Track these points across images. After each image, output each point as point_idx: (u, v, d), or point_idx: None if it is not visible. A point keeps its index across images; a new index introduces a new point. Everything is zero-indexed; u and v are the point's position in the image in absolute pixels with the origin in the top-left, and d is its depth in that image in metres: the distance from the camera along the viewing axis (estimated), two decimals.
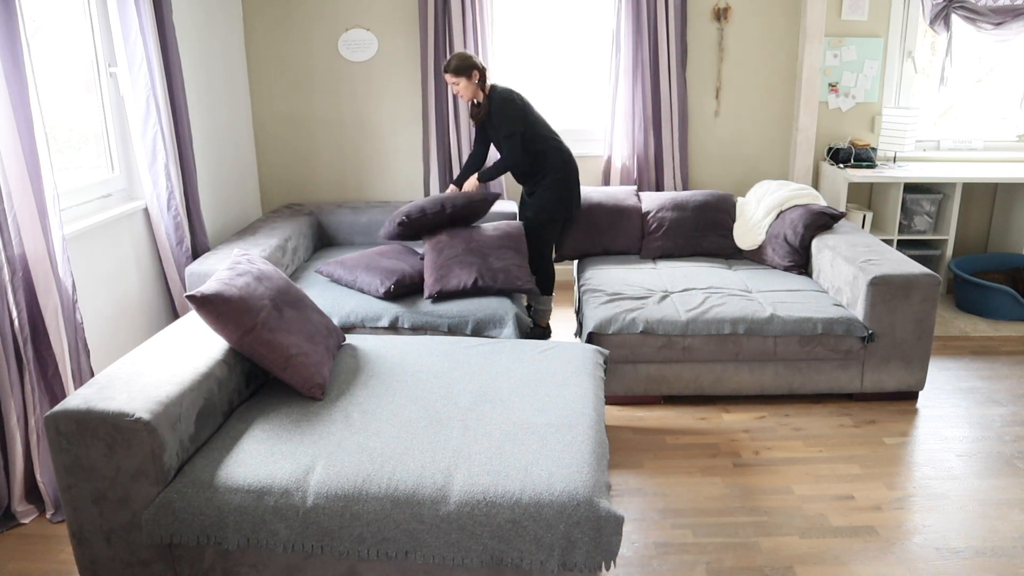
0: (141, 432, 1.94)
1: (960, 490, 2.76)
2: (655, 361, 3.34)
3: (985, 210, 5.06)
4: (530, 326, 3.44)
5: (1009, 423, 3.24)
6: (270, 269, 2.61)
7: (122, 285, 3.37)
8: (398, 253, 3.73)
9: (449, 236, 3.60)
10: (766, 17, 4.72)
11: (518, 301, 3.58)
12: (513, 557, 1.89)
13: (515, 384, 2.46)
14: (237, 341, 2.32)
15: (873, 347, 3.31)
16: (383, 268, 3.51)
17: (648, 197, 4.31)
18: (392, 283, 3.42)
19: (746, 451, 3.02)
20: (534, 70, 4.92)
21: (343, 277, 3.60)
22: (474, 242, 3.58)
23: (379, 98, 4.82)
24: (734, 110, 4.87)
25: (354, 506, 1.92)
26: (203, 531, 1.95)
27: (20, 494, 2.60)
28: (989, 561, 2.37)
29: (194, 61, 4.02)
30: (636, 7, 4.53)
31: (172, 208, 3.53)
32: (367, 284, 3.49)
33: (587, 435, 2.16)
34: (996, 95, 5.03)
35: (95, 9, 3.31)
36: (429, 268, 3.50)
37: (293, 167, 4.94)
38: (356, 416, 2.27)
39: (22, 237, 2.59)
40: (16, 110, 2.50)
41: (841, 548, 2.44)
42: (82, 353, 2.80)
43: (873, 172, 4.60)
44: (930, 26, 4.65)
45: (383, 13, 4.69)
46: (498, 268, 3.51)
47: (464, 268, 3.46)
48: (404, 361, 2.64)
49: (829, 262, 3.63)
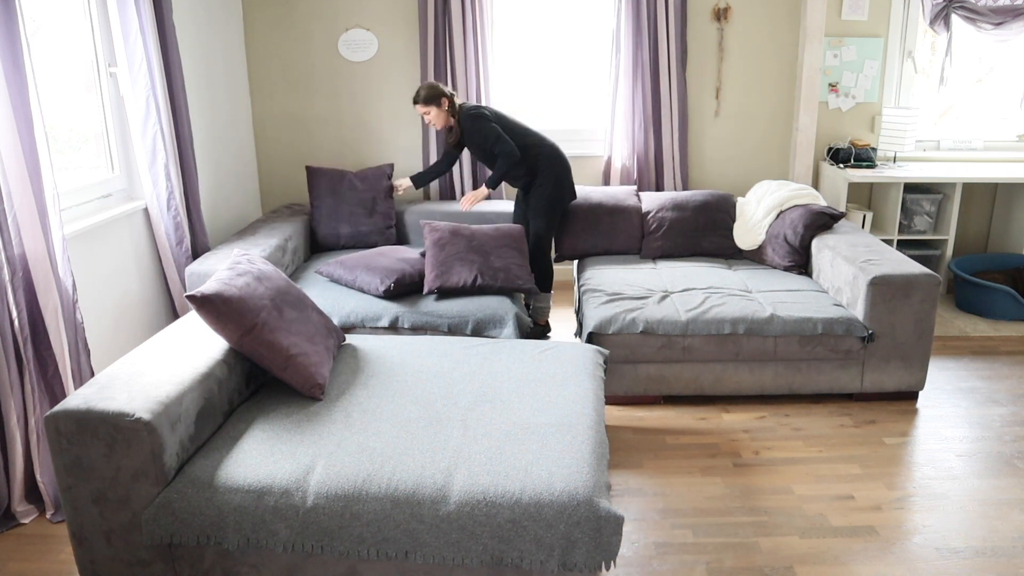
0: (141, 432, 1.94)
1: (960, 490, 2.76)
2: (655, 361, 3.34)
3: (985, 210, 5.06)
4: (530, 325, 3.44)
5: (1009, 423, 3.24)
6: (270, 269, 2.61)
7: (122, 285, 3.37)
8: (397, 252, 3.73)
9: (451, 234, 3.60)
10: (766, 17, 4.72)
11: (518, 301, 3.58)
12: (513, 557, 1.89)
13: (515, 384, 2.46)
14: (237, 341, 2.32)
15: (873, 347, 3.31)
16: (383, 267, 3.51)
17: (648, 197, 4.31)
18: (392, 281, 3.42)
19: (746, 451, 3.02)
20: (534, 70, 4.92)
21: (343, 277, 3.60)
22: (475, 240, 3.59)
23: (379, 98, 4.82)
24: (734, 110, 4.87)
25: (354, 506, 1.92)
26: (203, 531, 1.95)
27: (20, 494, 2.60)
28: (989, 561, 2.38)
29: (194, 61, 4.02)
30: (636, 7, 4.53)
31: (172, 208, 3.53)
32: (367, 283, 3.49)
33: (587, 435, 2.16)
34: (996, 95, 5.03)
35: (95, 9, 3.31)
36: (430, 264, 3.50)
37: (293, 167, 4.94)
38: (356, 416, 2.27)
39: (22, 237, 2.59)
40: (16, 110, 2.50)
41: (841, 548, 2.44)
42: (82, 353, 2.80)
43: (873, 172, 4.60)
44: (930, 26, 4.65)
45: (383, 13, 4.69)
46: (498, 267, 3.51)
47: (465, 266, 3.47)
48: (404, 361, 2.64)
49: (829, 262, 3.63)
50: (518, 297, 3.65)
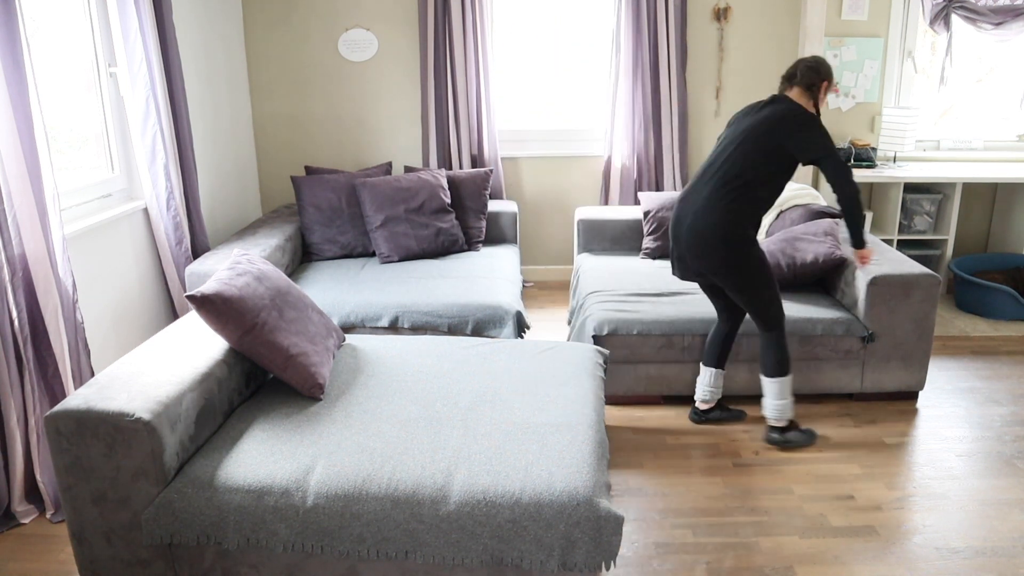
0: (141, 432, 1.94)
1: (960, 490, 2.76)
2: (655, 361, 3.34)
3: (985, 210, 5.06)
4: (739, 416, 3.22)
5: (1009, 423, 3.24)
6: (270, 269, 2.61)
7: (122, 285, 3.37)
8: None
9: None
10: (766, 17, 4.72)
11: (518, 301, 3.58)
12: (513, 557, 1.89)
13: (515, 384, 2.46)
14: (237, 341, 2.32)
15: (873, 347, 3.31)
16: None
17: (648, 197, 4.31)
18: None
19: (746, 451, 3.02)
20: (534, 70, 4.92)
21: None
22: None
23: (379, 98, 4.82)
24: (734, 110, 4.87)
25: (354, 506, 1.92)
26: (203, 531, 1.95)
27: (20, 494, 2.60)
28: (989, 561, 2.37)
29: (194, 61, 4.02)
30: (636, 7, 4.53)
31: (172, 208, 3.53)
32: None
33: (587, 435, 2.16)
34: (996, 95, 5.03)
35: (95, 9, 3.31)
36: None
37: (293, 167, 4.94)
38: (356, 416, 2.27)
39: (22, 237, 2.59)
40: (16, 110, 2.50)
41: (841, 548, 2.44)
42: (82, 353, 2.80)
43: (873, 172, 4.60)
44: (930, 26, 4.65)
45: (383, 13, 4.69)
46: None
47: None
48: (404, 361, 2.64)
49: None
50: (518, 297, 3.65)
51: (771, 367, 2.95)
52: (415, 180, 4.13)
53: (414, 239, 4.02)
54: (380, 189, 4.04)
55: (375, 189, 4.03)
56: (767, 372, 2.97)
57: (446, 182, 4.24)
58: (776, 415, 3.00)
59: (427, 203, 4.08)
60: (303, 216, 4.10)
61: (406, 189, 4.08)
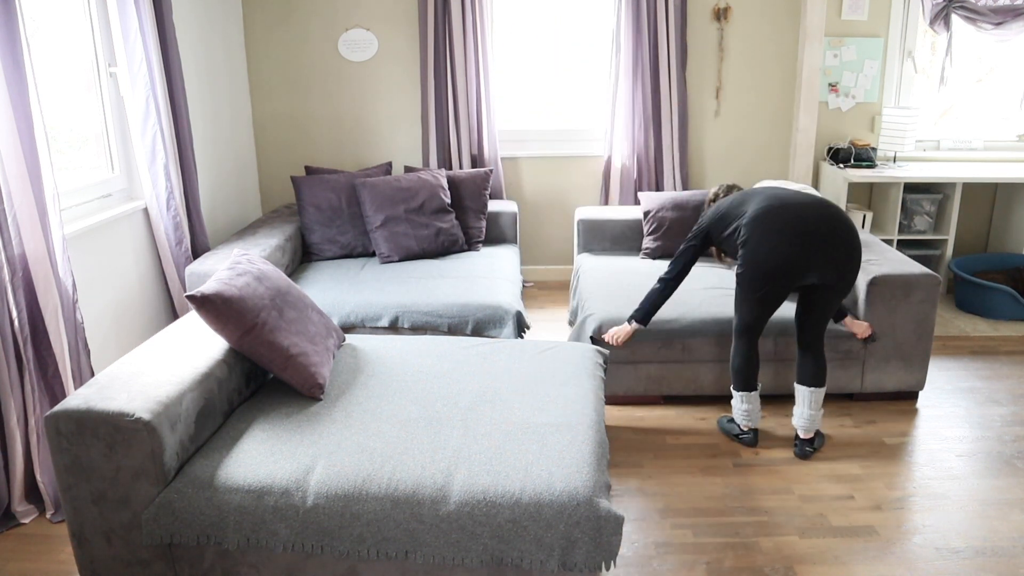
0: (141, 432, 1.94)
1: (960, 490, 2.76)
2: (655, 361, 3.34)
3: (985, 210, 5.06)
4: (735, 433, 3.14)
5: (1009, 423, 3.24)
6: (270, 269, 2.61)
7: (122, 285, 3.37)
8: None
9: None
10: (766, 17, 4.72)
11: (518, 301, 3.58)
12: (513, 557, 1.89)
13: (515, 384, 2.46)
14: (237, 341, 2.32)
15: (873, 347, 3.31)
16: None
17: (648, 197, 4.31)
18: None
19: (746, 451, 3.02)
20: (534, 70, 4.92)
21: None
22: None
23: (379, 98, 4.83)
24: (734, 110, 4.87)
25: (354, 506, 1.92)
26: (203, 531, 1.95)
27: (20, 494, 2.60)
28: (989, 561, 2.37)
29: (194, 61, 4.02)
30: (636, 7, 4.53)
31: (172, 208, 3.53)
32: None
33: (587, 435, 2.16)
34: (996, 95, 5.03)
35: (95, 9, 3.31)
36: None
37: (293, 167, 4.94)
38: (356, 416, 2.27)
39: (22, 237, 2.59)
40: (16, 110, 2.50)
41: (841, 548, 2.44)
42: (82, 353, 2.80)
43: (873, 172, 4.60)
44: (930, 26, 4.65)
45: (383, 13, 4.69)
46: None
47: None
48: (404, 361, 2.64)
49: None
50: (518, 297, 3.65)
51: (822, 376, 2.96)
52: (415, 180, 4.13)
53: (414, 239, 4.02)
54: (380, 189, 4.04)
55: (375, 189, 4.03)
56: (820, 382, 2.95)
57: (446, 182, 4.24)
58: (815, 426, 2.99)
59: (427, 203, 4.08)
60: (303, 216, 4.10)
61: (406, 189, 4.08)
